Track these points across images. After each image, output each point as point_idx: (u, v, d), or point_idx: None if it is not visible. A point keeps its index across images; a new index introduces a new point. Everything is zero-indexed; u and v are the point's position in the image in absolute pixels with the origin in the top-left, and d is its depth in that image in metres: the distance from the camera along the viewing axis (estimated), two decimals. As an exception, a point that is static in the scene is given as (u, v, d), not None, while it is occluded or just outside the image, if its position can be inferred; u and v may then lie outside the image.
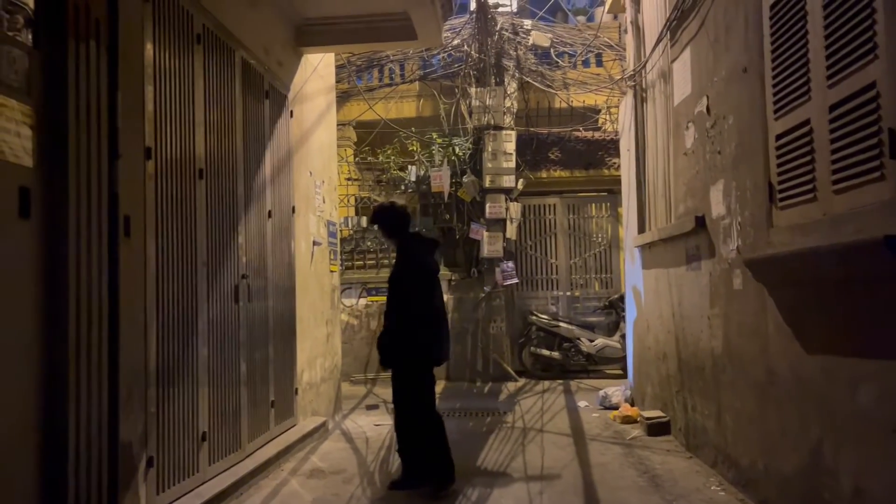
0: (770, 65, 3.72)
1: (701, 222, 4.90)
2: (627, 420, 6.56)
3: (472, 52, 9.94)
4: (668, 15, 5.65)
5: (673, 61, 5.66)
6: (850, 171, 2.96)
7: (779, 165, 3.66)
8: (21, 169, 2.72)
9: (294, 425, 5.91)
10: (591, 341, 9.72)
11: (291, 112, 6.12)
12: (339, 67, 8.72)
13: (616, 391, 7.52)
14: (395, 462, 5.35)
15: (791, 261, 3.45)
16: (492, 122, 9.76)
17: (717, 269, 4.68)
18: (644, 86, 6.83)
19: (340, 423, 6.96)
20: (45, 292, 2.83)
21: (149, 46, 3.72)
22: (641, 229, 6.94)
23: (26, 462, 2.75)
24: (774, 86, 3.68)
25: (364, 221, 10.42)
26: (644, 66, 6.67)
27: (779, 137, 3.65)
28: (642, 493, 4.44)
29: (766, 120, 3.79)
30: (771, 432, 3.85)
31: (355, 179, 11.18)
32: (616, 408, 7.12)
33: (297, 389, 6.01)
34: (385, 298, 4.91)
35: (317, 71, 6.84)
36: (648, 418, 6.11)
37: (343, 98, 10.55)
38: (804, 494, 3.46)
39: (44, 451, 2.83)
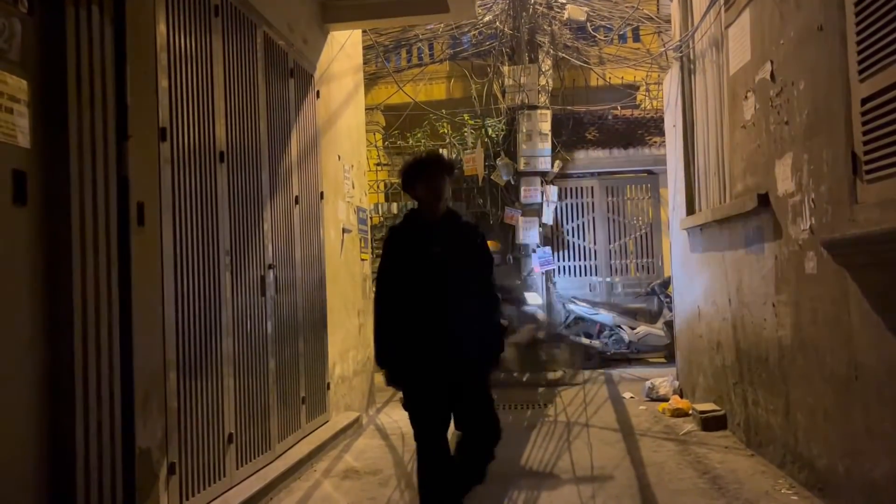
0: (853, 20, 3.29)
1: (764, 201, 4.47)
2: (678, 413, 6.16)
3: (505, 29, 9.52)
4: (721, -24, 5.20)
5: (728, 27, 5.21)
6: (963, 134, 2.55)
7: (865, 133, 3.23)
8: (15, 150, 2.42)
9: (326, 422, 5.62)
10: (633, 329, 9.31)
11: (318, 92, 5.80)
12: (366, 48, 8.39)
13: (663, 382, 7.11)
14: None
15: (883, 240, 3.03)
16: (526, 102, 9.36)
17: (784, 252, 4.26)
18: (692, 57, 6.38)
19: (374, 417, 6.67)
20: (46, 287, 2.53)
21: (160, 17, 3.40)
22: (690, 210, 6.50)
23: (28, 475, 2.47)
24: (859, 43, 3.24)
25: (395, 208, 10.11)
26: (692, 34, 6.22)
27: (864, 101, 3.22)
28: (705, 496, 4.06)
29: (849, 82, 3.36)
30: (855, 432, 3.44)
31: (385, 164, 10.87)
32: (664, 399, 6.73)
33: (328, 384, 5.72)
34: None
35: (344, 49, 6.50)
36: (702, 412, 5.71)
37: (370, 81, 10.20)
38: (899, 504, 3.07)
39: (48, 462, 2.55)
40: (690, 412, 6.03)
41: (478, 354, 3.42)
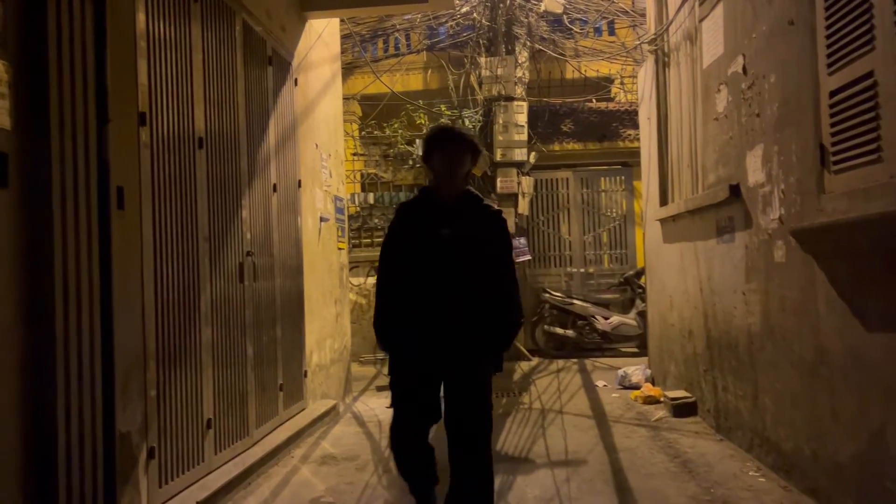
0: (823, 14, 3.38)
1: (735, 191, 4.57)
2: (650, 400, 6.28)
3: (482, 20, 9.55)
4: (696, -29, 5.29)
5: (701, 20, 5.30)
6: (926, 126, 2.64)
7: (833, 125, 3.33)
8: (-4, 131, 2.41)
9: (303, 409, 5.64)
10: (606, 319, 9.43)
11: (296, 80, 5.79)
12: (343, 38, 8.35)
13: (636, 370, 7.23)
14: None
15: (850, 229, 3.14)
16: (502, 93, 9.40)
17: (754, 241, 4.36)
18: (666, 50, 6.47)
19: (351, 405, 6.70)
20: (26, 269, 2.53)
21: (140, 1, 3.39)
22: (664, 202, 6.61)
23: (9, 458, 2.47)
24: (828, 37, 3.33)
25: (371, 198, 10.12)
26: (667, 28, 6.31)
27: (833, 94, 3.32)
28: (676, 479, 4.16)
29: (818, 76, 3.46)
30: (820, 416, 3.56)
31: (361, 155, 10.84)
32: (636, 387, 6.85)
33: (306, 372, 5.74)
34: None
35: (321, 38, 6.49)
36: (673, 399, 5.83)
37: (347, 70, 10.17)
38: (862, 483, 3.18)
39: (29, 445, 2.55)
40: (662, 399, 6.15)
41: (475, 350, 3.15)
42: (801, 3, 3.60)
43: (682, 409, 5.72)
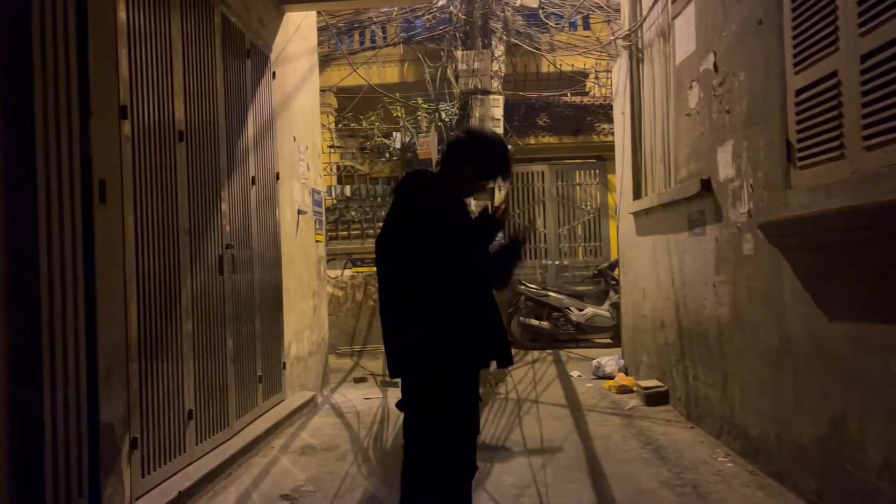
0: (790, 15, 3.50)
1: (706, 186, 4.70)
2: (623, 390, 6.42)
3: (459, 14, 9.60)
4: (669, -31, 5.39)
5: (674, 18, 5.42)
6: (885, 125, 2.77)
7: (798, 122, 3.46)
8: (-20, 125, 2.43)
9: (282, 400, 5.69)
10: (581, 310, 9.57)
11: (274, 73, 5.81)
12: (319, 30, 8.36)
13: (609, 360, 7.38)
14: (389, 437, 5.18)
15: (813, 223, 3.26)
16: (479, 87, 9.46)
17: (724, 234, 4.49)
18: (640, 46, 6.59)
19: (329, 397, 6.75)
20: (10, 262, 2.55)
21: (121, -5, 3.41)
22: (637, 195, 6.74)
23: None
24: (795, 37, 3.46)
25: (348, 191, 10.15)
26: (641, 24, 6.42)
27: (799, 93, 3.45)
28: (648, 465, 4.29)
29: (785, 74, 3.58)
30: (785, 402, 3.70)
31: (338, 147, 10.86)
32: (610, 377, 6.99)
33: (284, 364, 5.79)
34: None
35: (299, 31, 6.50)
36: (646, 388, 5.98)
37: (323, 62, 10.17)
38: (823, 466, 3.32)
39: (16, 434, 2.58)
40: (635, 389, 6.29)
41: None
42: (770, 4, 3.72)
43: (655, 398, 5.86)
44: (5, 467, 2.54)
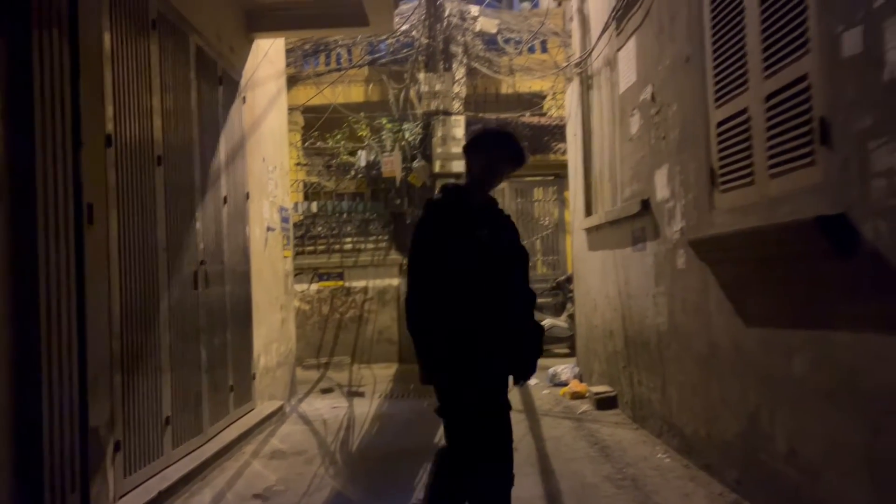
0: (711, 55, 3.95)
1: (646, 205, 5.13)
2: (577, 396, 6.81)
3: (422, 38, 10.01)
4: (614, 4, 5.84)
5: (618, 50, 5.87)
6: (785, 156, 3.20)
7: (720, 151, 3.89)
8: (-12, 156, 2.72)
9: (252, 409, 5.96)
10: (539, 321, 9.93)
11: (244, 98, 6.12)
12: (287, 51, 8.69)
13: (565, 369, 7.78)
14: (355, 442, 5.48)
15: (732, 240, 3.69)
16: (441, 108, 9.86)
17: (661, 250, 4.92)
18: (590, 73, 7.04)
19: (297, 406, 7.03)
20: (14, 278, 2.84)
21: (106, 33, 3.71)
22: (588, 212, 7.18)
23: (2, 445, 2.78)
24: (715, 76, 3.90)
25: (314, 207, 10.44)
26: (590, 54, 6.88)
27: (720, 125, 3.88)
28: (594, 462, 4.67)
29: (708, 108, 4.02)
30: (713, 402, 4.11)
31: (304, 164, 11.16)
32: (565, 385, 7.38)
33: (254, 374, 6.06)
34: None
35: (267, 56, 6.83)
36: (597, 393, 6.37)
37: (290, 81, 10.49)
38: (743, 457, 3.73)
39: (19, 433, 2.86)
40: (587, 394, 6.69)
41: (511, 361, 3.08)
42: (695, 42, 4.16)
43: (605, 403, 6.26)
44: (9, 466, 2.81)
